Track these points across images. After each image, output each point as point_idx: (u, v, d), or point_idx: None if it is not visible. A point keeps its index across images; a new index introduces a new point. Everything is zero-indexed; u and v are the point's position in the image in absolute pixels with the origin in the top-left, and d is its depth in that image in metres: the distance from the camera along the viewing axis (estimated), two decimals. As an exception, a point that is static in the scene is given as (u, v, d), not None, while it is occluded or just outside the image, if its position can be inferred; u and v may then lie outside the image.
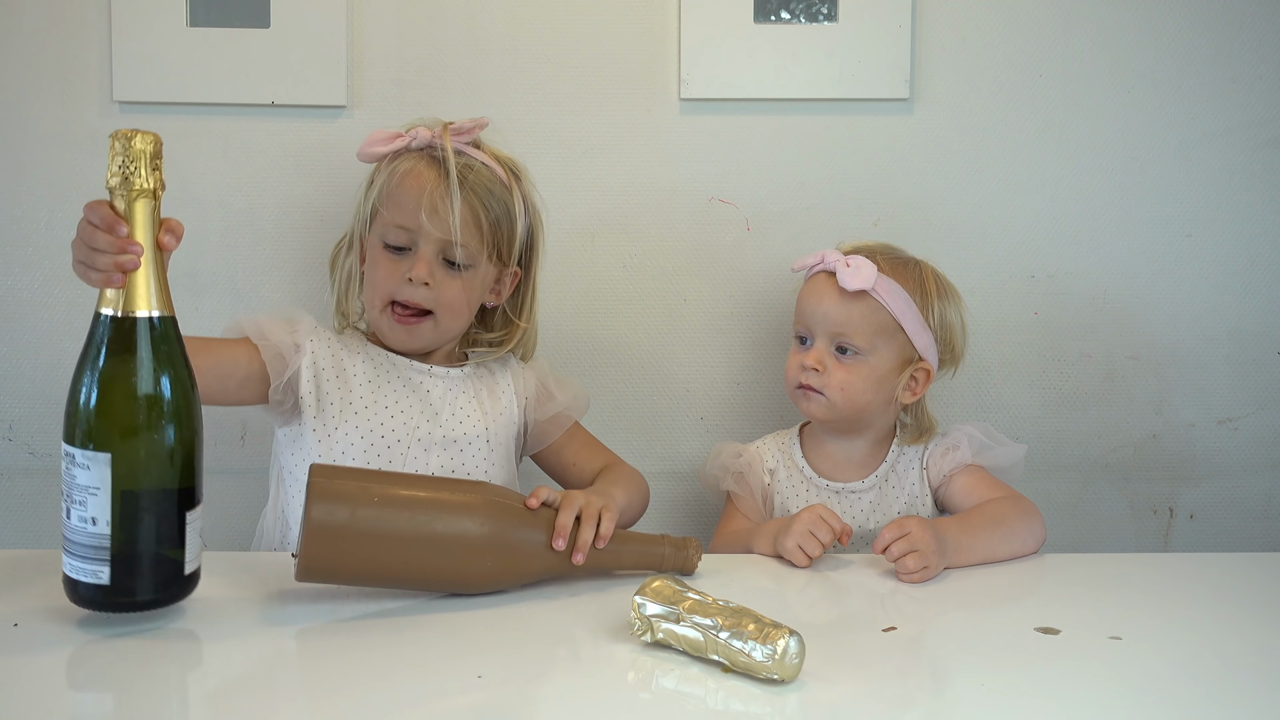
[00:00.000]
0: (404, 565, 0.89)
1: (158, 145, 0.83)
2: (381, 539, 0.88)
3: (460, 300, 1.16)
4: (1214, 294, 1.44)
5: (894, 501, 1.22)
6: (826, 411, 1.21)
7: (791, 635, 0.74)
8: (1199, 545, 1.46)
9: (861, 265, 1.18)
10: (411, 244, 1.14)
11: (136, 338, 0.82)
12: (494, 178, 1.17)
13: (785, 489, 1.25)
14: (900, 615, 0.91)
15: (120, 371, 0.81)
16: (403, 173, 1.15)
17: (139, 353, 0.82)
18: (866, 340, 1.18)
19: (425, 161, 1.15)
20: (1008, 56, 1.41)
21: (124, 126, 0.84)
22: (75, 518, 0.81)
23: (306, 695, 0.73)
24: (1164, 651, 0.83)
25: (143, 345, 0.82)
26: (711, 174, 1.42)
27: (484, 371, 1.23)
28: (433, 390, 1.18)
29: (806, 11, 1.39)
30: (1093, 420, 1.45)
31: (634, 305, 1.43)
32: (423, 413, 1.17)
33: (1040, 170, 1.42)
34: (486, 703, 0.72)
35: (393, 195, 1.14)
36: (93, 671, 0.78)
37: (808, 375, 1.20)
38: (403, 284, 1.13)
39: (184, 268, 1.40)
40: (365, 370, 1.17)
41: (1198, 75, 1.41)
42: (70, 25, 1.37)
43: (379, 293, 1.16)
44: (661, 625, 0.79)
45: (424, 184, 1.13)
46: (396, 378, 1.18)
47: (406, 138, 1.16)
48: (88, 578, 0.82)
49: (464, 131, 1.17)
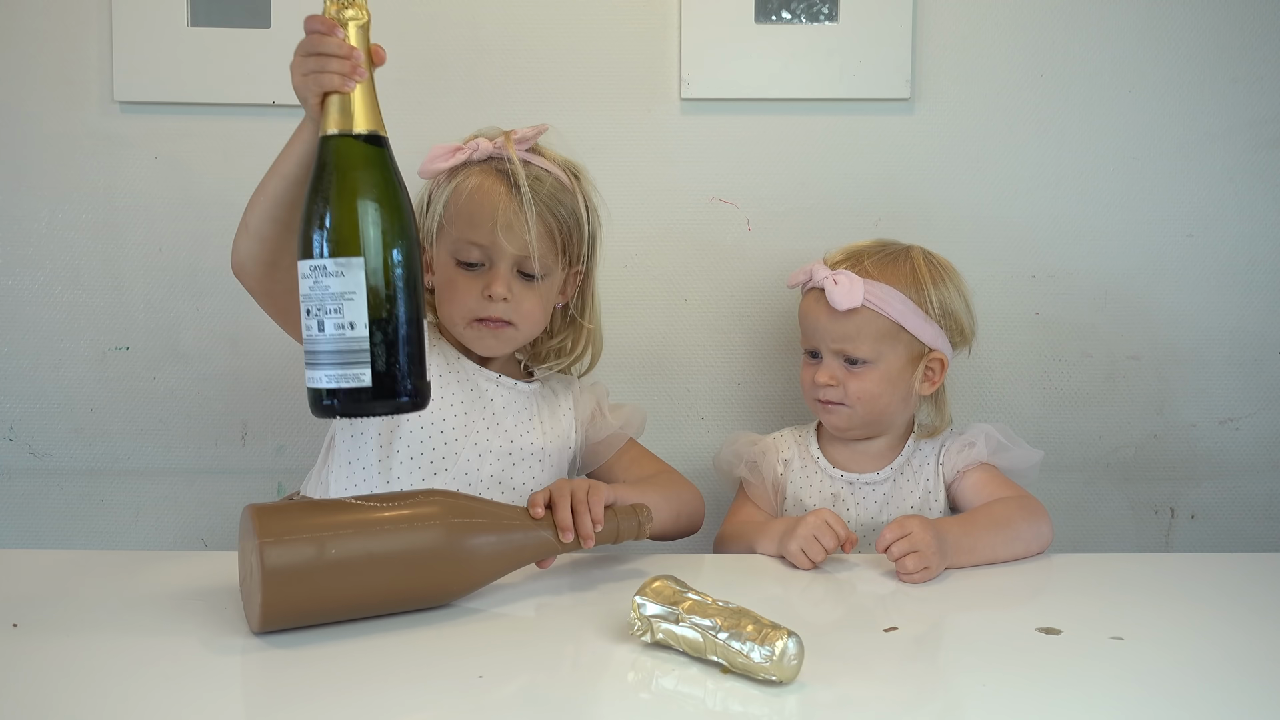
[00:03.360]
0: (368, 592, 0.85)
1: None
2: (340, 569, 0.83)
3: (538, 310, 1.15)
4: (1215, 294, 1.44)
5: (908, 495, 1.22)
6: (849, 420, 1.21)
7: (790, 636, 0.74)
8: (1200, 545, 1.46)
9: (847, 283, 1.17)
10: (486, 260, 1.12)
11: (369, 154, 0.86)
12: (559, 185, 1.15)
13: (799, 479, 1.25)
14: (901, 615, 0.91)
15: (363, 182, 0.85)
16: (471, 189, 1.12)
17: (375, 166, 0.86)
18: (871, 349, 1.18)
19: (492, 176, 1.12)
20: (1009, 56, 1.41)
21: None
22: (331, 326, 0.83)
23: (306, 696, 0.73)
24: (1166, 651, 0.83)
25: (376, 159, 0.86)
26: (712, 174, 1.42)
27: (548, 391, 1.22)
28: (497, 399, 1.17)
29: (807, 11, 1.39)
30: (1094, 420, 1.45)
31: (634, 305, 1.43)
32: (484, 419, 1.16)
33: (1041, 170, 1.42)
34: (487, 703, 0.72)
35: (463, 212, 1.12)
36: (93, 671, 0.78)
37: (824, 391, 1.20)
38: (481, 301, 1.12)
39: (185, 268, 1.41)
40: (437, 364, 1.16)
41: (1199, 75, 1.41)
42: (71, 25, 1.37)
43: (458, 310, 1.14)
44: (661, 625, 0.79)
45: (495, 200, 1.11)
46: (466, 379, 1.17)
47: (467, 150, 1.13)
48: (348, 383, 0.83)
49: (525, 140, 1.14)
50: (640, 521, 0.97)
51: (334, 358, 0.84)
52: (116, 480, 1.43)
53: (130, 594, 0.92)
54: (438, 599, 0.89)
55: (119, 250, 1.40)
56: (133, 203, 1.40)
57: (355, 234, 0.84)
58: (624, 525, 0.96)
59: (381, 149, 0.87)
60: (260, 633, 0.82)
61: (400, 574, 0.85)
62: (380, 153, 0.87)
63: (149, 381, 1.42)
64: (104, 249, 1.40)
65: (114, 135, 1.39)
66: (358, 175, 0.85)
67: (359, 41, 0.89)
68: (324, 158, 0.86)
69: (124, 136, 1.39)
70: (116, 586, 0.93)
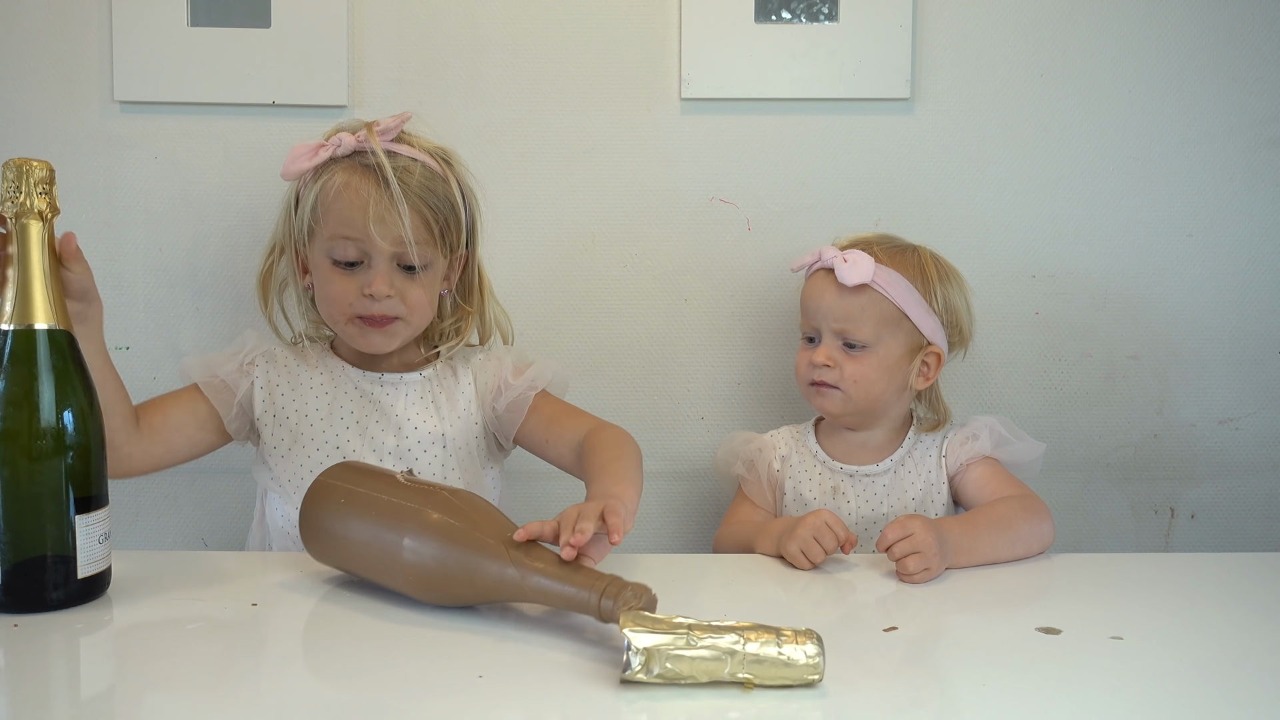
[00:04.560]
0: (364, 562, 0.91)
1: (48, 172, 0.87)
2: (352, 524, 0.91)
3: (424, 300, 1.14)
4: (1215, 293, 1.44)
5: (909, 487, 1.22)
6: (842, 405, 1.21)
7: (811, 634, 0.74)
8: (1200, 545, 1.46)
9: (859, 259, 1.18)
10: (363, 257, 1.11)
11: (13, 349, 0.86)
12: (430, 173, 1.12)
13: (798, 473, 1.25)
14: (901, 615, 0.91)
15: (0, 380, 0.85)
16: (339, 186, 1.10)
17: (21, 363, 0.85)
18: (872, 332, 1.19)
19: (359, 171, 1.10)
20: (1009, 56, 1.41)
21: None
22: None
23: (306, 695, 0.73)
24: (1165, 651, 0.83)
25: (26, 357, 0.86)
26: (712, 174, 1.42)
27: (446, 371, 1.20)
28: (383, 400, 1.17)
29: (807, 11, 1.39)
30: (1093, 420, 1.45)
31: (634, 305, 1.43)
32: (379, 423, 1.16)
33: (1041, 170, 1.42)
34: (487, 702, 0.72)
35: (331, 210, 1.10)
36: (91, 669, 0.78)
37: (819, 372, 1.20)
38: (361, 299, 1.11)
39: (185, 268, 1.41)
40: (322, 383, 1.17)
41: (1198, 75, 1.41)
42: (71, 25, 1.37)
43: (339, 309, 1.12)
44: (669, 654, 0.72)
45: (365, 196, 1.08)
46: (352, 389, 1.17)
47: (330, 146, 1.11)
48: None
49: (389, 130, 1.12)
50: (615, 607, 0.80)
51: None
52: (115, 481, 1.43)
53: (130, 594, 0.92)
54: (439, 598, 0.89)
55: (119, 250, 1.40)
56: (132, 203, 1.40)
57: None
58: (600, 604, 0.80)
59: (39, 345, 0.86)
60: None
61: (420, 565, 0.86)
62: (35, 350, 0.86)
63: (149, 381, 1.41)
64: (104, 249, 1.40)
65: (114, 135, 1.39)
66: (5, 371, 0.85)
67: (35, 239, 0.86)
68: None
69: (124, 136, 1.39)
70: (116, 587, 0.93)
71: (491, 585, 0.84)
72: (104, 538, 0.89)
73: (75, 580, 0.87)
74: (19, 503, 0.85)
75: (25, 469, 0.85)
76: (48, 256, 0.87)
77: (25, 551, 0.85)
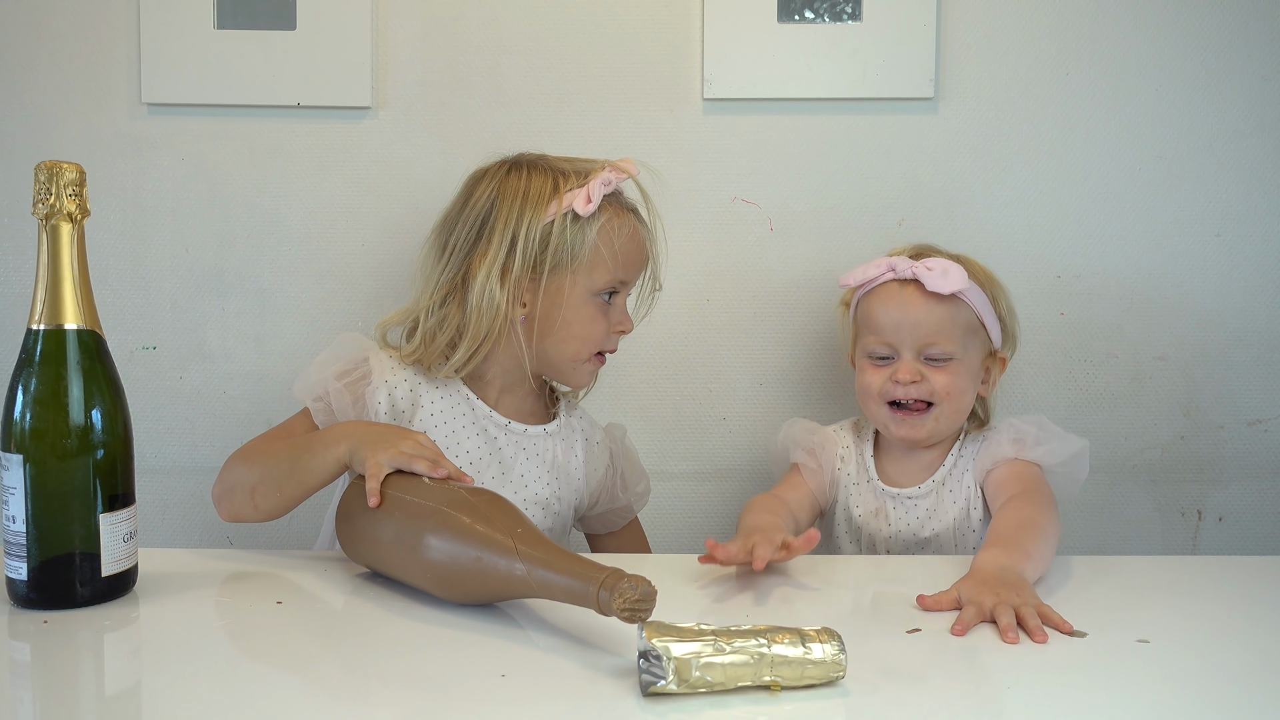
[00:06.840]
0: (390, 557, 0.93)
1: (79, 174, 0.88)
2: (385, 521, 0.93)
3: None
4: (1243, 294, 1.42)
5: (950, 507, 1.18)
6: (932, 429, 1.15)
7: (831, 632, 0.74)
8: (1227, 548, 1.44)
9: (948, 266, 1.13)
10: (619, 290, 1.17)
11: (43, 349, 0.87)
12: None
13: (849, 486, 1.22)
14: (925, 617, 0.90)
15: (30, 379, 0.87)
16: (630, 229, 1.16)
17: (51, 363, 0.87)
18: (958, 344, 1.14)
19: (625, 213, 1.16)
20: (1033, 55, 1.40)
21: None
22: (3, 516, 0.87)
23: (330, 692, 0.73)
24: (1192, 655, 0.82)
25: (56, 356, 0.87)
26: (734, 174, 1.42)
27: (564, 431, 1.21)
28: (505, 449, 1.17)
29: (830, 11, 1.39)
30: (1120, 421, 1.44)
31: (656, 306, 1.43)
32: (489, 466, 1.16)
33: (1067, 169, 1.41)
34: (511, 701, 0.72)
35: (622, 254, 1.14)
36: (117, 665, 0.79)
37: (907, 390, 1.14)
38: (612, 336, 1.17)
39: (211, 268, 1.42)
40: (443, 407, 1.16)
41: (1227, 72, 1.39)
42: (99, 28, 1.39)
43: (588, 345, 1.15)
44: (699, 662, 0.71)
45: (643, 241, 1.18)
46: (473, 423, 1.16)
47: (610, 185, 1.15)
48: (13, 574, 0.87)
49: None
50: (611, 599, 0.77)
51: (7, 546, 0.87)
52: (143, 478, 1.43)
53: (156, 591, 0.93)
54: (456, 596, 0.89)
55: (146, 250, 1.42)
56: (159, 203, 1.41)
57: (22, 430, 0.86)
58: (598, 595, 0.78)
59: (68, 344, 0.87)
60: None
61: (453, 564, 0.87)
62: (64, 349, 0.87)
63: (175, 381, 1.43)
64: (131, 249, 1.41)
65: (141, 137, 1.40)
66: (29, 371, 0.87)
67: (67, 240, 0.87)
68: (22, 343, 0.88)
69: (151, 138, 1.40)
70: (143, 584, 0.94)
71: (502, 580, 0.84)
72: (130, 536, 0.90)
73: (101, 578, 0.88)
74: (47, 500, 0.86)
75: (54, 467, 0.86)
76: (78, 258, 0.88)
77: (53, 549, 0.87)
